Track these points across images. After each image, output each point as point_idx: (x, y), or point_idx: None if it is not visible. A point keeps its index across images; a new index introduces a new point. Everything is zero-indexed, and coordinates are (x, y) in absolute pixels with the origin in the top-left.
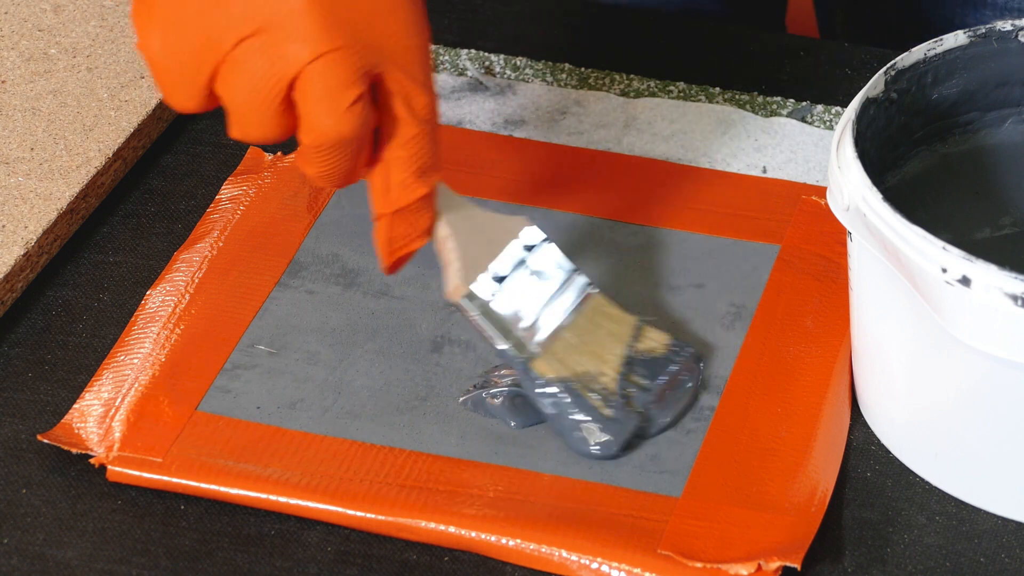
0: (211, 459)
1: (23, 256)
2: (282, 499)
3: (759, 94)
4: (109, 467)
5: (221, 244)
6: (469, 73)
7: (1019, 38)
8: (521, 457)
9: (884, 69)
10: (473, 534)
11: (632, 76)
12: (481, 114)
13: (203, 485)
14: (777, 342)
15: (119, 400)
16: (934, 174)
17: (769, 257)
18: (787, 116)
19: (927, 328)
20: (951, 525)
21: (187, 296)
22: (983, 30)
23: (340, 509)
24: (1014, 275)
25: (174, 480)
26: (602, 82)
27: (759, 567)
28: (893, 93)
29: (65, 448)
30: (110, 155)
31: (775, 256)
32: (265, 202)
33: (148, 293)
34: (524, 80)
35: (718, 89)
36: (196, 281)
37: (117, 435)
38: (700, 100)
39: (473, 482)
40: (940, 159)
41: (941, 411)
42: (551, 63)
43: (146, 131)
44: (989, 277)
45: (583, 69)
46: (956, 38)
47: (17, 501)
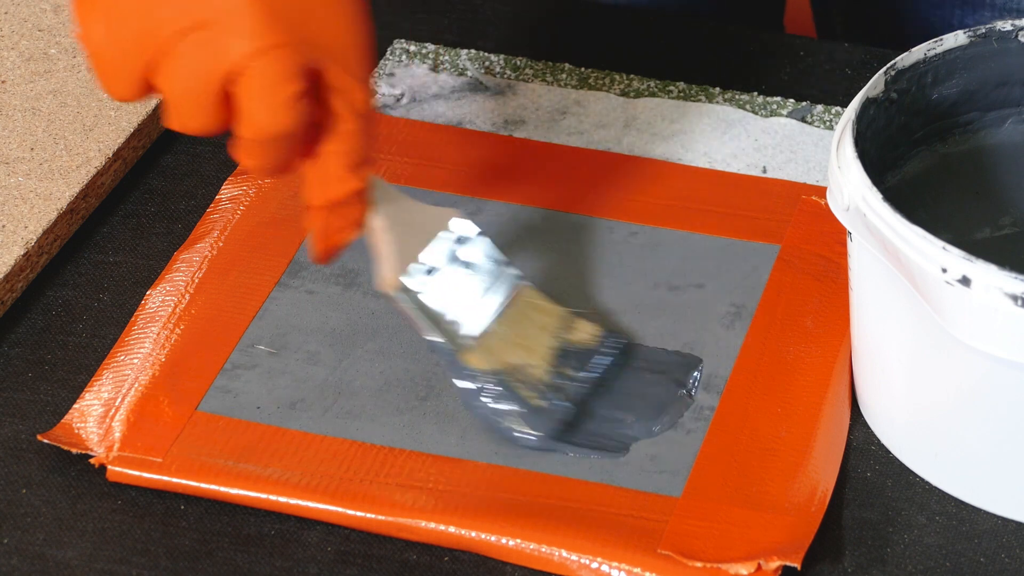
0: (211, 459)
1: (23, 256)
2: (282, 499)
3: (759, 94)
4: (109, 467)
5: (221, 244)
6: (469, 73)
7: (1019, 38)
8: (521, 457)
9: (884, 69)
10: (473, 534)
11: (632, 76)
12: (481, 114)
13: (203, 485)
14: (777, 342)
15: (119, 400)
16: (934, 174)
17: (769, 257)
18: (787, 116)
19: (927, 328)
20: (951, 525)
21: (187, 296)
22: (983, 30)
23: (340, 509)
24: (1014, 275)
25: (174, 480)
26: (602, 82)
27: (759, 567)
28: (893, 93)
29: (65, 448)
30: (110, 155)
31: (775, 256)
32: (265, 202)
33: (148, 293)
34: (524, 80)
35: (718, 89)
36: (196, 281)
37: (117, 435)
38: (700, 100)
39: (473, 482)
40: (940, 159)
41: (941, 411)
42: (551, 63)
43: (146, 131)
44: (989, 277)
45: (583, 69)
46: (956, 38)
47: (17, 501)
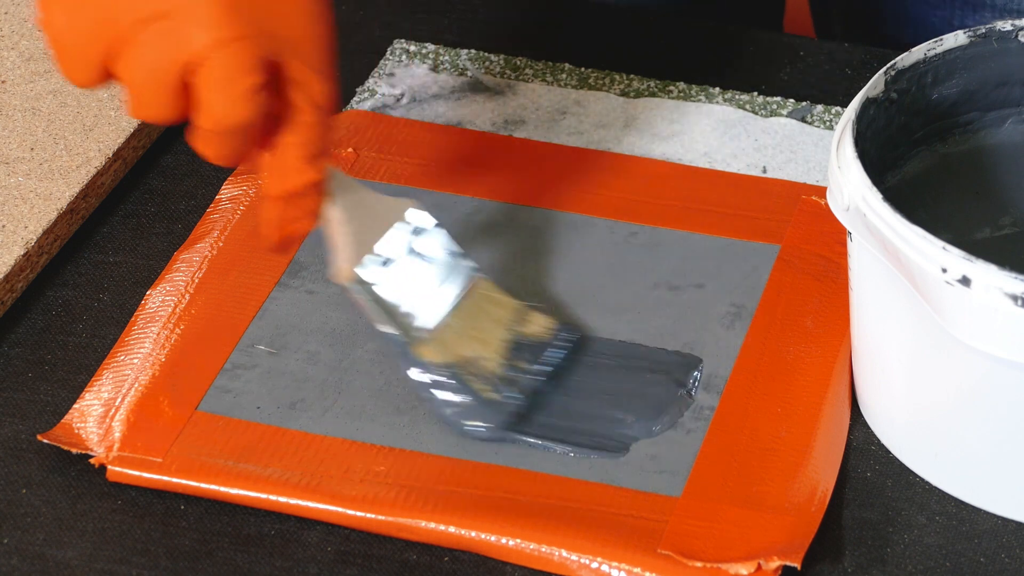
0: (211, 459)
1: (23, 256)
2: (282, 499)
3: (759, 94)
4: (109, 467)
5: (221, 244)
6: (469, 73)
7: (1019, 38)
8: (521, 457)
9: (884, 69)
10: (473, 534)
11: (632, 76)
12: (481, 114)
13: (203, 485)
14: (777, 342)
15: (119, 400)
16: (934, 174)
17: (769, 257)
18: (787, 116)
19: (927, 328)
20: (951, 525)
21: (187, 296)
22: (983, 30)
23: (340, 509)
24: (1014, 275)
25: (174, 480)
26: (602, 82)
27: (759, 567)
28: (893, 93)
29: (65, 448)
30: (110, 155)
31: (775, 256)
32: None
33: (148, 293)
34: (524, 80)
35: (718, 89)
36: (196, 281)
37: (117, 435)
38: (700, 100)
39: (473, 482)
40: (940, 159)
41: (941, 411)
42: (551, 63)
43: (146, 131)
44: (989, 277)
45: (583, 69)
46: (956, 38)
47: (17, 501)
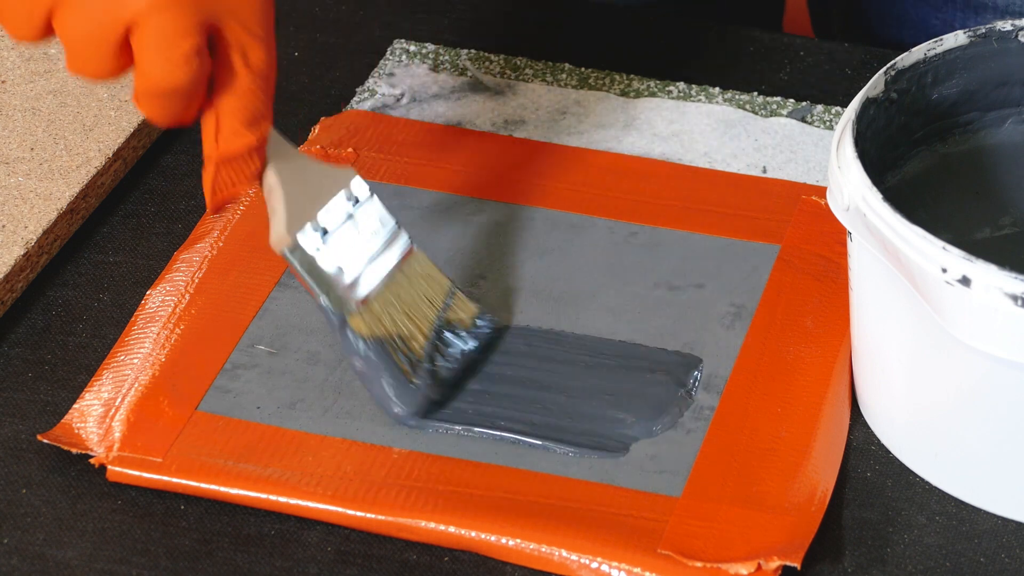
0: (211, 459)
1: (23, 256)
2: (282, 499)
3: (759, 94)
4: (109, 467)
5: (221, 244)
6: (469, 73)
7: (1019, 38)
8: (521, 457)
9: (884, 69)
10: (473, 534)
11: (632, 76)
12: (481, 114)
13: (203, 485)
14: (777, 342)
15: (119, 400)
16: (934, 174)
17: (769, 257)
18: (787, 116)
19: (927, 328)
20: (951, 525)
21: (187, 296)
22: (983, 30)
23: (340, 509)
24: (1014, 275)
25: (174, 480)
26: (602, 82)
27: (759, 567)
28: (893, 93)
29: (65, 448)
30: (110, 155)
31: (775, 256)
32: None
33: (148, 293)
34: (524, 80)
35: (718, 89)
36: (196, 281)
37: (117, 435)
38: (700, 100)
39: (473, 482)
40: (940, 159)
41: (941, 411)
42: (551, 63)
43: (146, 131)
44: (989, 277)
45: (583, 69)
46: (956, 38)
47: (17, 501)
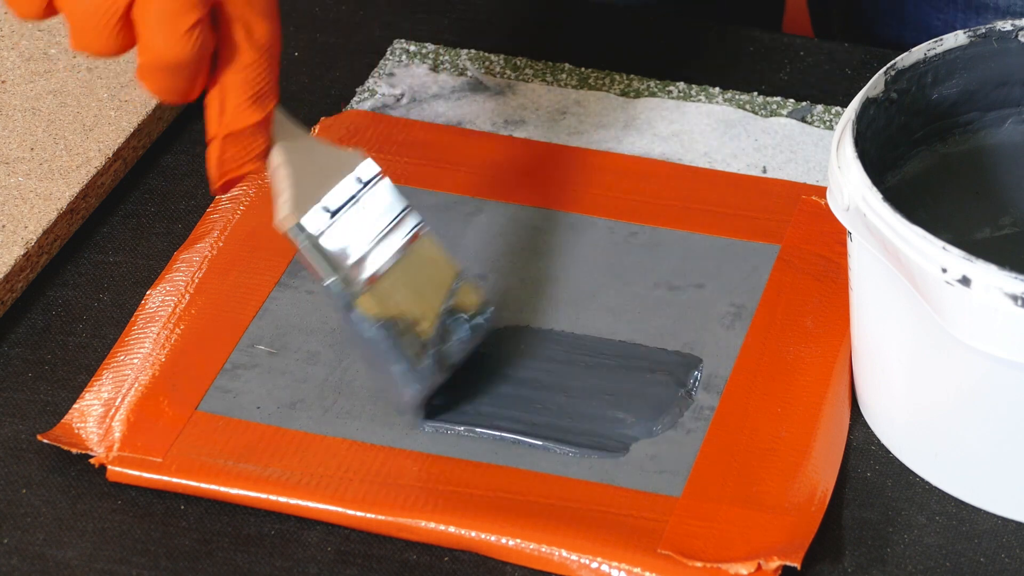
0: (211, 459)
1: (23, 256)
2: (282, 499)
3: (759, 94)
4: (109, 467)
5: (221, 244)
6: (469, 73)
7: (1019, 38)
8: (521, 457)
9: (884, 69)
10: (473, 534)
11: (632, 76)
12: (481, 114)
13: (203, 485)
14: (777, 342)
15: (119, 400)
16: (934, 174)
17: (769, 257)
18: (787, 116)
19: (927, 328)
20: (951, 525)
21: (187, 296)
22: (983, 30)
23: (340, 509)
24: (1014, 275)
25: (174, 480)
26: (602, 82)
27: (759, 567)
28: (893, 93)
29: (65, 448)
30: (110, 155)
31: (775, 256)
32: (265, 202)
33: (148, 293)
34: (524, 80)
35: (718, 89)
36: (196, 281)
37: (117, 435)
38: (700, 100)
39: (473, 482)
40: (940, 159)
41: (941, 411)
42: (551, 63)
43: (146, 131)
44: (989, 277)
45: (583, 69)
46: (956, 38)
47: (17, 501)
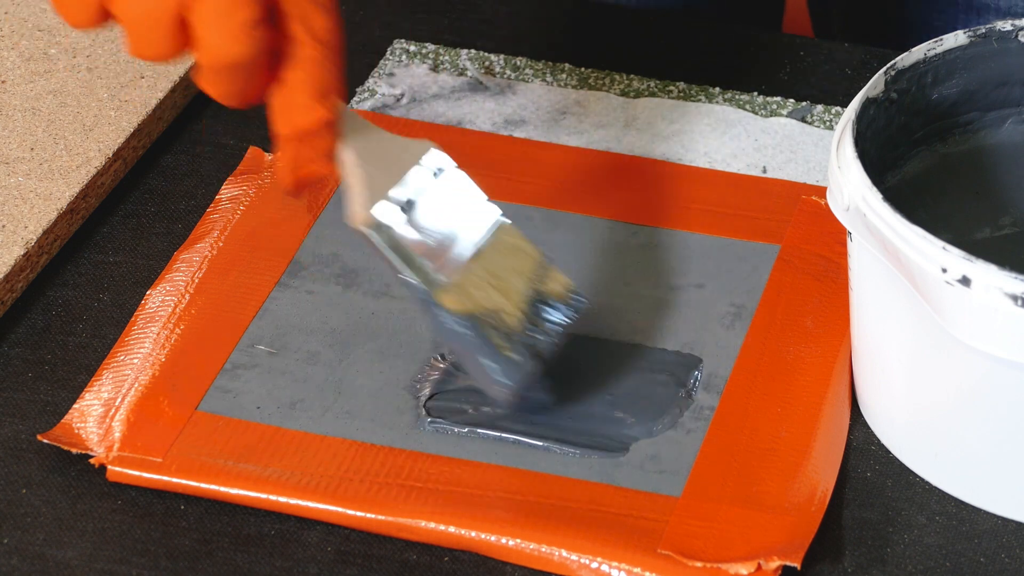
0: (211, 459)
1: (23, 256)
2: (282, 499)
3: (759, 94)
4: (109, 467)
5: (221, 244)
6: (469, 73)
7: (1019, 38)
8: (521, 457)
9: (884, 69)
10: (473, 534)
11: (632, 76)
12: (481, 114)
13: (203, 485)
14: (777, 342)
15: (119, 400)
16: (934, 174)
17: (769, 257)
18: (787, 116)
19: (927, 328)
20: (951, 525)
21: (187, 296)
22: (983, 30)
23: (340, 509)
24: (1014, 275)
25: (174, 480)
26: (602, 82)
27: (759, 567)
28: (893, 93)
29: (65, 448)
30: (110, 155)
31: (775, 256)
32: (265, 202)
33: (148, 293)
34: (524, 80)
35: (718, 89)
36: (196, 281)
37: (117, 435)
38: (700, 100)
39: (473, 482)
40: (940, 159)
41: (941, 411)
42: (551, 63)
43: (146, 131)
44: (989, 277)
45: (583, 69)
46: (956, 38)
47: (17, 501)
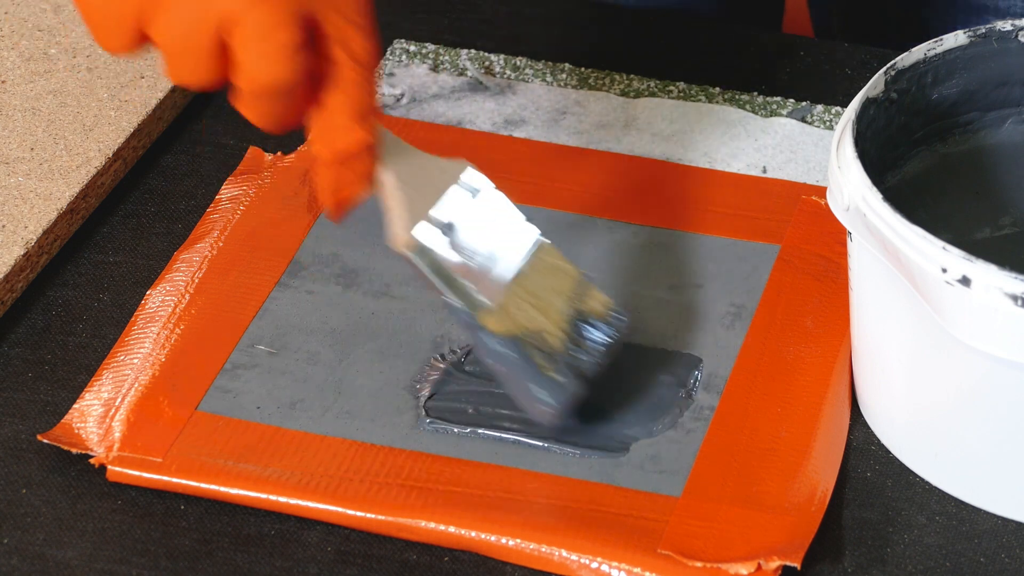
0: (211, 459)
1: (23, 256)
2: (282, 499)
3: (759, 94)
4: (109, 467)
5: (221, 244)
6: (469, 73)
7: (1019, 38)
8: (521, 457)
9: (884, 69)
10: (473, 534)
11: (632, 76)
12: (481, 114)
13: (203, 485)
14: (777, 342)
15: (119, 400)
16: (934, 174)
17: (769, 257)
18: (787, 116)
19: (927, 328)
20: (951, 525)
21: (187, 296)
22: (983, 30)
23: (340, 509)
24: (1014, 275)
25: (174, 480)
26: (602, 82)
27: (759, 567)
28: (893, 93)
29: (65, 448)
30: (110, 155)
31: (775, 256)
32: (265, 202)
33: (148, 293)
34: (524, 80)
35: (718, 89)
36: (196, 281)
37: (117, 435)
38: (700, 100)
39: (473, 482)
40: (940, 159)
41: (941, 411)
42: (551, 63)
43: (146, 131)
44: (989, 277)
45: (583, 69)
46: (956, 38)
47: (17, 501)
